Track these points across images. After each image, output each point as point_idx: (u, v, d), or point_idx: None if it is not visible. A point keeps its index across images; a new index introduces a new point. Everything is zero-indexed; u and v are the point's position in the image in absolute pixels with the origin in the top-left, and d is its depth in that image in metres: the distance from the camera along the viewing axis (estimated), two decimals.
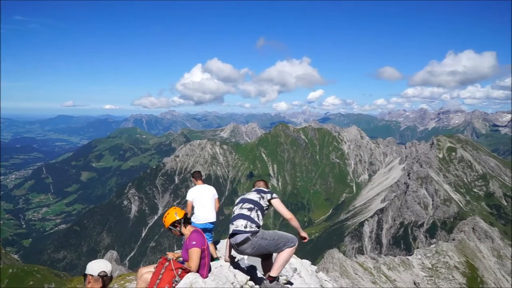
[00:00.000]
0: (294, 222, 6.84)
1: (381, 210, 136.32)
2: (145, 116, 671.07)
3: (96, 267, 5.40)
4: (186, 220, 7.43)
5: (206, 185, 10.86)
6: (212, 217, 10.76)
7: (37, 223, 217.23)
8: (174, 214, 7.33)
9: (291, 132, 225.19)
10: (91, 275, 5.32)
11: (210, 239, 10.54)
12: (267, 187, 7.49)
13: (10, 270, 68.52)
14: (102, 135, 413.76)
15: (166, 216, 7.37)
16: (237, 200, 7.16)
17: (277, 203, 6.83)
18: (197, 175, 10.81)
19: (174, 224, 7.31)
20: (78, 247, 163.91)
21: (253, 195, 7.01)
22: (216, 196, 10.79)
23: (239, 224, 6.61)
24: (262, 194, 6.91)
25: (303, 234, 6.80)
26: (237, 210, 6.86)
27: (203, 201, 10.45)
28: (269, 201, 6.92)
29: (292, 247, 6.65)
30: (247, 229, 6.52)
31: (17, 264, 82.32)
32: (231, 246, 7.15)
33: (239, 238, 6.55)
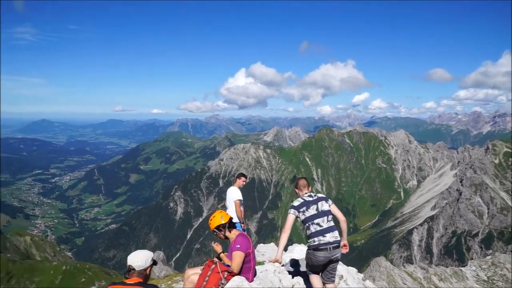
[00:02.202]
0: (345, 225, 7.52)
1: (431, 218, 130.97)
2: (191, 120, 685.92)
3: (149, 257, 5.34)
4: (231, 224, 7.44)
5: (231, 187, 11.34)
6: None
7: (89, 222, 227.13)
8: (220, 218, 7.37)
9: (335, 136, 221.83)
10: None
11: None
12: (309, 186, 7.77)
13: (64, 267, 71.98)
14: (149, 138, 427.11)
15: (211, 219, 7.43)
16: (313, 212, 7.27)
17: (335, 208, 7.40)
18: (236, 176, 11.41)
19: (219, 227, 7.36)
20: (127, 246, 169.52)
21: (326, 206, 7.30)
22: (235, 199, 10.99)
23: (336, 235, 7.14)
24: (329, 202, 7.36)
25: (345, 241, 7.38)
26: (325, 223, 7.16)
27: (227, 202, 11.21)
28: (329, 206, 7.36)
29: None
30: (338, 238, 7.13)
31: (70, 262, 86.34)
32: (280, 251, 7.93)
33: (336, 243, 7.08)
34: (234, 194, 11.05)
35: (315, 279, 7.44)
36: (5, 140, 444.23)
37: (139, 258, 5.20)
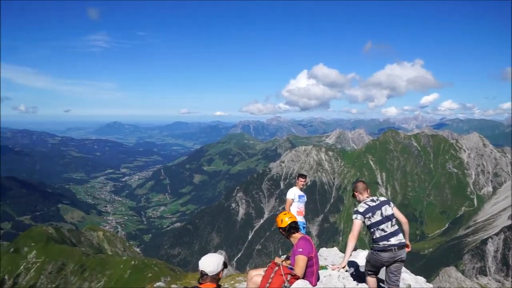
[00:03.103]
0: (407, 227, 7.67)
1: (509, 228, 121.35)
2: (252, 122, 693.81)
3: (220, 262, 5.33)
4: (293, 228, 7.33)
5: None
6: None
7: (156, 220, 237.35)
8: (280, 221, 7.32)
9: (401, 139, 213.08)
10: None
11: None
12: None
13: (133, 262, 75.76)
14: (213, 140, 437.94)
15: (276, 220, 7.40)
16: (378, 218, 7.29)
17: (397, 210, 7.49)
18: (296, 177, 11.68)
19: (279, 230, 7.34)
20: (190, 245, 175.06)
21: (390, 210, 7.35)
22: (287, 197, 11.40)
23: (400, 238, 7.23)
24: (391, 205, 7.44)
25: (408, 242, 7.52)
26: (389, 228, 7.23)
27: None
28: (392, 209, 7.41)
29: None
30: (402, 240, 7.25)
31: (139, 257, 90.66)
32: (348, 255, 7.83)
33: (401, 244, 7.18)
34: (288, 193, 11.33)
35: (371, 281, 7.52)
36: (81, 141, 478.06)
37: (211, 263, 5.20)
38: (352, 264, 9.76)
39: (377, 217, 7.16)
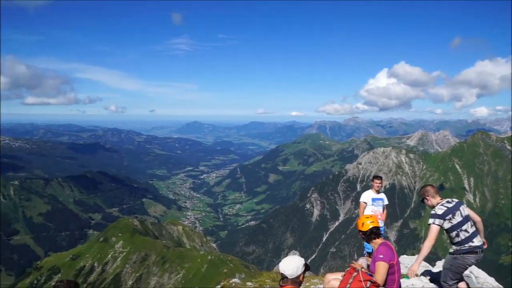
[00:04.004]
0: (481, 225, 7.25)
1: None
2: (329, 122, 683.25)
3: (300, 266, 5.19)
4: (374, 233, 6.95)
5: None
6: None
7: (232, 217, 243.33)
8: (361, 224, 7.00)
9: (493, 142, 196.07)
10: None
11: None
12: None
13: (209, 257, 78.26)
14: (288, 140, 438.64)
15: (357, 222, 7.11)
16: (459, 219, 7.01)
17: (469, 209, 7.19)
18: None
19: (360, 232, 7.04)
20: (265, 243, 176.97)
21: (466, 210, 7.08)
22: (360, 200, 11.13)
23: (479, 239, 6.99)
24: (464, 204, 7.16)
25: (484, 240, 7.17)
26: (470, 228, 7.00)
27: None
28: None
29: None
30: (482, 242, 7.03)
31: (215, 253, 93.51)
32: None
33: (482, 247, 6.97)
34: (361, 197, 11.04)
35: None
36: (164, 140, 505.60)
37: (290, 267, 5.11)
38: (435, 274, 9.17)
39: (458, 218, 6.85)
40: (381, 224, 10.72)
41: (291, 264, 5.13)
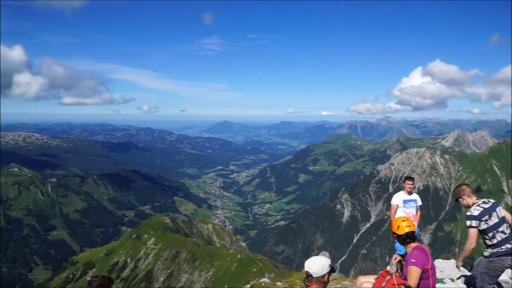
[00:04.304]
0: None
1: None
2: (360, 122, 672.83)
3: (326, 265, 5.18)
4: (410, 238, 6.75)
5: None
6: None
7: (261, 217, 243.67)
8: (396, 227, 6.79)
9: None
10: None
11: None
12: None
13: (239, 256, 78.62)
14: (318, 140, 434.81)
15: (392, 223, 6.93)
16: (496, 220, 6.75)
17: (504, 210, 6.95)
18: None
19: (394, 235, 6.84)
20: (294, 243, 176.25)
21: (502, 211, 6.76)
22: (391, 203, 11.07)
23: None
24: (500, 205, 6.94)
25: None
26: (507, 230, 6.79)
27: None
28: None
29: None
30: None
31: (244, 252, 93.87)
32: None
33: None
34: (392, 199, 10.84)
35: None
36: (195, 139, 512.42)
37: (316, 265, 5.13)
38: (465, 278, 8.94)
39: (494, 219, 6.60)
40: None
41: (317, 263, 5.15)
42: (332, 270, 5.22)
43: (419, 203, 11.12)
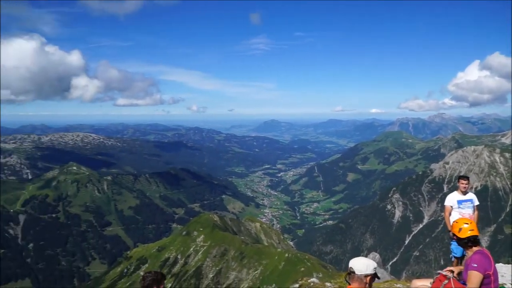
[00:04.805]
0: None
1: None
2: (412, 119, 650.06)
3: (370, 266, 5.14)
4: (472, 242, 6.32)
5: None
6: None
7: (309, 216, 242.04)
8: (458, 230, 6.37)
9: None
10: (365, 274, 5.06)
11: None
12: None
13: (287, 255, 78.41)
14: (367, 138, 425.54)
15: (453, 225, 6.52)
16: None
17: None
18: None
19: (454, 237, 6.44)
20: (343, 243, 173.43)
21: None
22: (445, 204, 10.61)
23: None
24: None
25: None
26: None
27: None
28: None
29: None
30: None
31: (292, 251, 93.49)
32: None
33: None
34: (446, 200, 10.35)
35: None
36: (242, 138, 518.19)
37: (360, 262, 5.12)
38: None
39: None
40: None
41: (362, 261, 5.16)
42: (376, 275, 5.11)
43: (476, 202, 10.51)
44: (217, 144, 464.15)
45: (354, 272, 5.04)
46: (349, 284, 5.12)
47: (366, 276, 5.00)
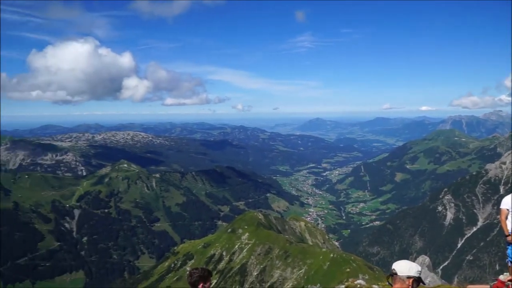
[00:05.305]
0: None
1: None
2: (465, 117, 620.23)
3: (413, 268, 5.03)
4: None
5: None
6: None
7: (355, 216, 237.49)
8: None
9: None
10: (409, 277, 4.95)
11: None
12: None
13: (332, 255, 77.37)
14: (417, 137, 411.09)
15: None
16: None
17: None
18: None
19: None
20: (390, 245, 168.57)
21: None
22: (501, 207, 9.43)
23: None
24: None
25: None
26: None
27: None
28: None
29: None
30: None
31: (337, 251, 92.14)
32: None
33: None
34: (502, 202, 9.55)
35: None
36: (287, 137, 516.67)
37: (403, 264, 5.06)
38: None
39: None
40: None
41: (405, 263, 5.10)
42: (420, 279, 5.03)
43: None
44: (262, 142, 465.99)
45: (396, 274, 4.99)
46: (392, 286, 5.07)
47: (408, 278, 4.93)
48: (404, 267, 5.00)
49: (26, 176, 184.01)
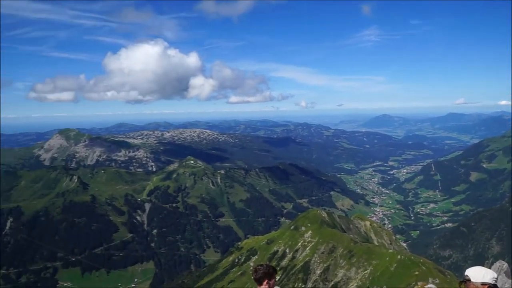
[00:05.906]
0: None
1: None
2: None
3: (488, 274, 4.77)
4: None
5: None
6: None
7: (424, 217, 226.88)
8: None
9: None
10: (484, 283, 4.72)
11: None
12: None
13: (399, 257, 74.49)
14: (495, 133, 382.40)
15: None
16: None
17: None
18: None
19: None
20: (464, 249, 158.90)
21: None
22: None
23: None
24: None
25: None
26: None
27: None
28: None
29: None
30: None
31: (405, 253, 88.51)
32: None
33: None
34: None
35: None
36: (352, 134, 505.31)
37: (477, 270, 4.88)
38: None
39: None
40: None
41: (480, 269, 4.90)
42: (496, 287, 4.78)
43: None
44: (326, 139, 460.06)
45: (469, 280, 4.80)
46: None
47: (482, 284, 4.71)
48: (478, 273, 4.75)
49: (102, 171, 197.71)
